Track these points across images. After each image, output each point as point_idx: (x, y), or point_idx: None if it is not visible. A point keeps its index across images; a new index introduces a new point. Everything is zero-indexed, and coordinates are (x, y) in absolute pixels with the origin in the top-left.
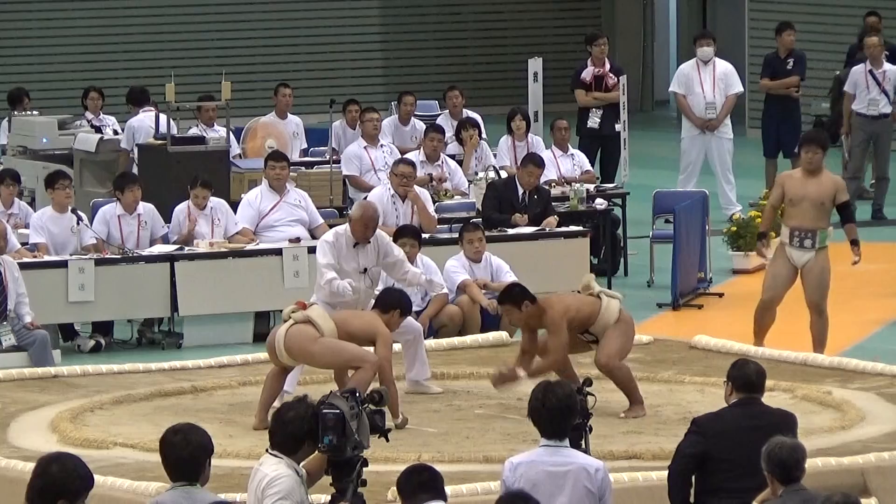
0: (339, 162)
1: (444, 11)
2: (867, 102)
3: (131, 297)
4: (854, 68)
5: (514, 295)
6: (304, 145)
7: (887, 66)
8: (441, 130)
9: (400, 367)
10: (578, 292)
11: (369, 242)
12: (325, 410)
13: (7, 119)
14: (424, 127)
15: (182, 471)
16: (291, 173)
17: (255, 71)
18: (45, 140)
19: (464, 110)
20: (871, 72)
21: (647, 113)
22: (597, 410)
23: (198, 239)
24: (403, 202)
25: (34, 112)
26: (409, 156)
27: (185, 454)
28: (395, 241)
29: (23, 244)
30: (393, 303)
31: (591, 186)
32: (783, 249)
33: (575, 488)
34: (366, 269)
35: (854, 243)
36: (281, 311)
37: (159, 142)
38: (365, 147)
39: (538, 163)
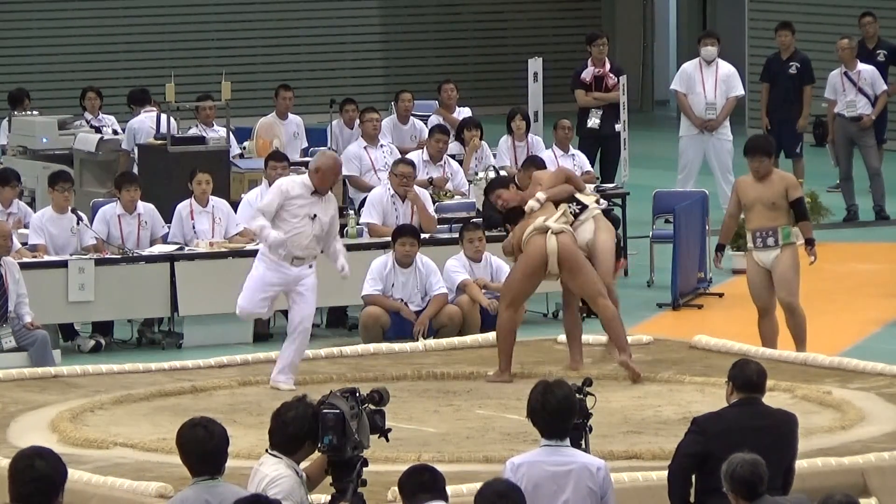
0: None
1: (443, 11)
2: (845, 104)
3: (131, 297)
4: (831, 73)
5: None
6: (305, 145)
7: (862, 66)
8: (447, 132)
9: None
10: None
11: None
12: (325, 410)
13: (7, 119)
14: (424, 126)
15: (207, 464)
16: (291, 173)
17: (256, 71)
18: (45, 140)
19: (461, 109)
20: (846, 74)
21: (647, 113)
22: (596, 410)
23: (198, 238)
24: (403, 202)
25: (34, 112)
26: (411, 156)
27: (211, 447)
28: (394, 240)
29: (22, 244)
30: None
31: (591, 187)
32: (751, 256)
33: (577, 488)
34: (315, 216)
35: (808, 242)
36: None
37: (159, 142)
38: (365, 147)
39: (539, 165)
